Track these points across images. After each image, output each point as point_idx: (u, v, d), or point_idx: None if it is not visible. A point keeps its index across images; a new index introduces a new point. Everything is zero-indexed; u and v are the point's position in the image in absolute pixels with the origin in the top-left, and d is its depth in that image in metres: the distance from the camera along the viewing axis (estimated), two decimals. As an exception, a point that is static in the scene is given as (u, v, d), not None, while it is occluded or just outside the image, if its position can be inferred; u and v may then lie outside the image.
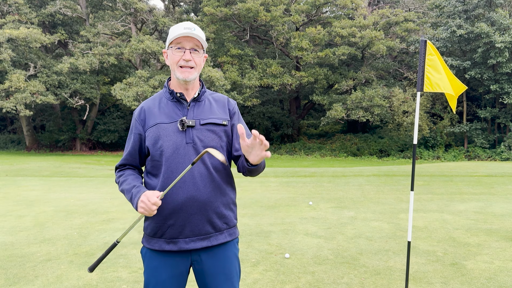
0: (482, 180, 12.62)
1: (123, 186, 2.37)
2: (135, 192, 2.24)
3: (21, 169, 16.98)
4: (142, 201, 2.16)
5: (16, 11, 28.27)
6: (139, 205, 2.17)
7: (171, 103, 2.37)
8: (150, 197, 2.15)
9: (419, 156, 26.23)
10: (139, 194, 2.21)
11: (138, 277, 4.71)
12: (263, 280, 4.63)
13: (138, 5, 27.50)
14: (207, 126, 2.34)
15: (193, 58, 2.33)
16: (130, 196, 2.27)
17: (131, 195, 2.27)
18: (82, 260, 5.32)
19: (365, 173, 14.73)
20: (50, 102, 26.97)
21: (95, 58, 26.92)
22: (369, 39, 25.96)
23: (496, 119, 26.87)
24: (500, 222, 7.26)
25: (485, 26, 23.44)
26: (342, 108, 26.03)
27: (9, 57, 25.73)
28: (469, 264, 5.11)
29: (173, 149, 2.28)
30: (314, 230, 6.81)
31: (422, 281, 4.59)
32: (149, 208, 2.14)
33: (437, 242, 6.04)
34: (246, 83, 26.48)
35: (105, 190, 11.52)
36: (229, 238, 2.41)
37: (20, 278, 4.70)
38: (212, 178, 2.33)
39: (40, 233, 6.67)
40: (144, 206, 2.15)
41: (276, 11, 26.84)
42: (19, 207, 8.94)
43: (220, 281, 2.36)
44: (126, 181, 2.37)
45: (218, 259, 2.38)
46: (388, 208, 8.60)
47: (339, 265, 5.09)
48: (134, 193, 2.25)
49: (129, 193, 2.29)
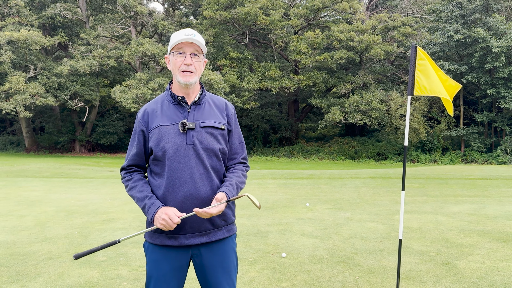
0: (476, 183, 12.78)
1: (133, 193, 2.50)
2: (149, 203, 2.39)
3: (21, 170, 17.08)
4: (163, 219, 2.30)
5: (17, 14, 28.41)
6: (159, 221, 2.31)
7: (172, 106, 2.51)
8: (172, 217, 2.30)
9: (416, 159, 26.39)
10: (156, 208, 2.36)
11: (138, 275, 4.83)
12: (260, 278, 4.76)
13: (138, 8, 27.67)
14: (206, 129, 2.48)
15: (193, 62, 2.46)
16: (143, 205, 2.42)
17: (144, 205, 2.42)
18: (83, 258, 5.42)
19: (362, 175, 14.87)
20: (49, 104, 27.10)
21: (95, 60, 27.05)
22: (367, 43, 26.15)
23: (492, 123, 27.06)
24: (493, 224, 7.40)
25: (482, 31, 23.65)
26: (340, 111, 26.21)
27: (9, 59, 25.87)
28: (461, 263, 5.25)
29: (174, 150, 2.42)
30: (311, 230, 6.94)
31: (415, 279, 4.72)
32: (170, 226, 2.30)
33: (430, 243, 6.18)
34: (245, 86, 26.63)
35: (105, 191, 11.64)
36: (227, 234, 2.56)
37: (23, 276, 4.82)
38: (211, 178, 2.47)
39: (42, 233, 6.78)
40: (165, 224, 2.30)
41: (275, 15, 27.04)
42: (20, 207, 9.06)
43: (218, 273, 2.50)
44: (136, 187, 2.50)
45: (216, 253, 2.51)
46: (384, 210, 8.75)
47: (334, 264, 5.22)
48: (148, 205, 2.39)
49: (142, 202, 2.43)
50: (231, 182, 2.51)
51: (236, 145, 2.65)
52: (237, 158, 2.66)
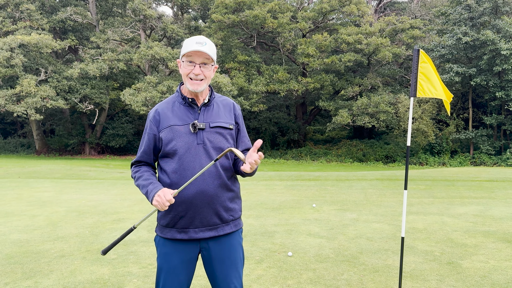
0: (483, 185, 12.78)
1: (139, 181, 2.63)
2: (152, 188, 2.51)
3: (32, 171, 17.35)
4: (158, 195, 2.42)
5: (28, 18, 28.85)
6: (155, 198, 2.43)
7: (183, 107, 2.64)
8: (166, 194, 2.42)
9: (425, 162, 26.34)
10: (156, 190, 2.47)
11: (148, 272, 4.96)
12: (266, 276, 4.87)
13: (147, 12, 27.96)
14: (216, 129, 2.61)
15: (203, 71, 2.56)
16: (146, 190, 2.53)
17: (147, 190, 2.53)
18: (94, 256, 5.58)
19: (369, 177, 14.92)
20: (60, 106, 27.45)
21: (104, 63, 27.36)
22: (375, 46, 26.19)
23: (502, 126, 26.94)
24: (498, 225, 7.45)
25: (490, 33, 23.59)
26: (348, 114, 26.25)
27: (20, 62, 26.26)
28: (464, 263, 5.32)
29: (186, 149, 2.55)
30: (317, 230, 7.04)
31: (419, 278, 4.81)
32: (163, 203, 2.40)
33: (435, 243, 6.25)
34: (253, 89, 26.78)
35: (115, 191, 11.81)
36: (234, 228, 2.69)
37: (36, 272, 4.97)
38: (220, 175, 2.60)
39: (54, 232, 6.95)
40: (159, 200, 2.41)
41: (283, 18, 27.18)
42: (32, 207, 9.24)
43: (226, 266, 2.64)
44: (142, 176, 2.63)
45: (224, 246, 2.64)
46: (390, 211, 8.81)
47: (339, 263, 5.32)
48: (150, 189, 2.51)
49: (145, 188, 2.55)
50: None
51: (246, 142, 2.80)
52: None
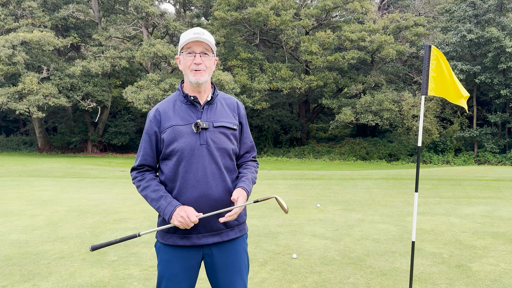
0: (490, 184, 12.61)
1: (147, 193, 2.46)
2: (166, 203, 2.37)
3: (34, 170, 17.26)
4: (182, 216, 2.29)
5: (30, 15, 28.75)
6: (177, 219, 2.30)
7: (185, 106, 2.49)
8: (191, 215, 2.30)
9: (429, 160, 26.15)
10: (173, 207, 2.34)
11: (149, 275, 4.84)
12: (270, 279, 4.73)
13: (150, 9, 27.83)
14: (220, 129, 2.47)
15: (204, 61, 2.44)
16: (159, 206, 2.39)
17: (159, 205, 2.38)
18: (95, 258, 5.46)
19: (373, 176, 14.77)
20: (62, 104, 27.39)
21: (107, 61, 27.26)
22: (378, 43, 26.00)
23: (506, 124, 26.72)
24: (506, 226, 7.29)
25: (495, 30, 23.37)
26: (351, 112, 26.08)
27: (23, 60, 26.18)
28: (474, 266, 5.17)
29: (188, 150, 2.40)
30: (322, 231, 6.90)
31: (428, 282, 4.67)
32: (187, 224, 2.30)
33: (443, 245, 6.10)
34: (255, 87, 26.63)
35: (116, 191, 11.70)
36: (239, 234, 2.55)
37: (35, 275, 4.85)
38: (224, 178, 2.46)
39: (53, 232, 6.83)
40: (182, 222, 2.29)
41: (286, 15, 27.00)
42: (32, 206, 9.14)
43: (229, 273, 2.49)
44: (150, 187, 2.46)
45: (228, 253, 2.50)
46: (396, 211, 8.67)
47: (345, 266, 5.18)
48: (164, 205, 2.37)
49: (157, 203, 2.40)
50: (247, 177, 2.52)
51: (248, 144, 2.66)
52: (249, 156, 2.67)
